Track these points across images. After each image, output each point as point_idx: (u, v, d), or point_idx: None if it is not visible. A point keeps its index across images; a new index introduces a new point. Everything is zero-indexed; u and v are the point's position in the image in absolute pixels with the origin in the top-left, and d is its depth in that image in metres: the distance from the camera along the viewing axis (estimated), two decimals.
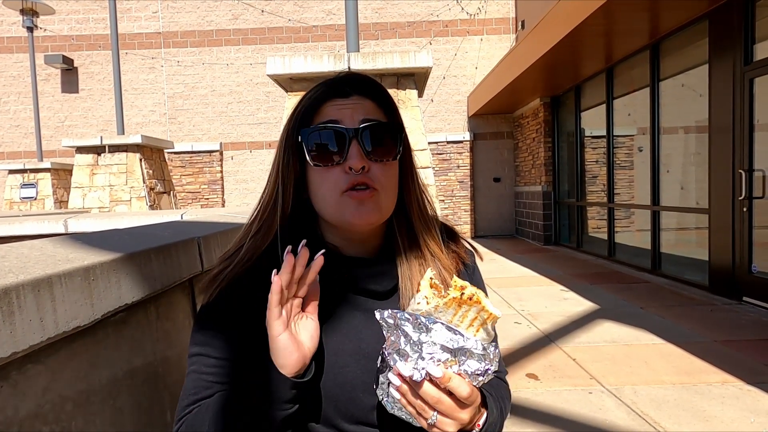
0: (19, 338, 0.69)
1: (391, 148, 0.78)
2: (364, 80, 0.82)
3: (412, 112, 4.15)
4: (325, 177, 0.77)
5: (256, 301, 0.74)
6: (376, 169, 0.76)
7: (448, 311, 0.63)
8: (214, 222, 2.00)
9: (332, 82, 0.80)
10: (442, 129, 12.50)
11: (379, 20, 12.42)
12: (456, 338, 0.62)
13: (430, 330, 0.62)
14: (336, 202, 0.76)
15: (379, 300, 0.81)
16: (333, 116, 0.77)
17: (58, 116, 12.85)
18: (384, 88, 0.84)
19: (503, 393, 0.87)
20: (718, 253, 5.46)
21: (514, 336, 4.30)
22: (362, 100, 0.79)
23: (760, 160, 4.97)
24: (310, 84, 0.76)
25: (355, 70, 4.04)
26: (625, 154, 7.86)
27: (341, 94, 0.79)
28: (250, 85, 12.62)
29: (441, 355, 0.62)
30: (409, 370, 0.62)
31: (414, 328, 0.62)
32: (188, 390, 0.76)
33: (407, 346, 0.63)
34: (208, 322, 0.77)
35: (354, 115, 0.77)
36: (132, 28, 12.55)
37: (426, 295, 0.64)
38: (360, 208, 0.75)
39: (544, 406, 2.97)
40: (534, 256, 8.95)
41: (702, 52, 5.68)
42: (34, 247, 1.00)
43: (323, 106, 0.79)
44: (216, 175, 12.65)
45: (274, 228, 0.78)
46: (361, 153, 0.75)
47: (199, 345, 0.77)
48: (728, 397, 2.99)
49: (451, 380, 0.62)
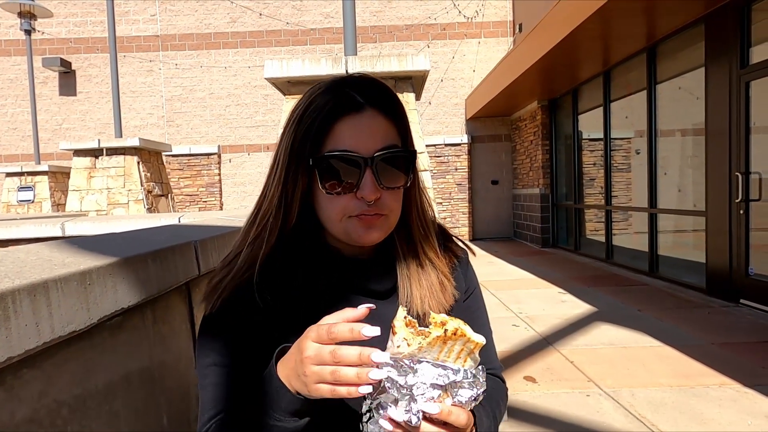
0: (15, 343, 0.69)
1: (403, 176, 0.77)
2: (377, 88, 0.78)
3: (410, 116, 4.15)
4: (333, 202, 0.75)
5: (260, 310, 0.74)
6: (387, 196, 0.75)
7: (433, 350, 0.61)
8: (211, 225, 2.00)
9: (341, 90, 0.75)
10: (440, 132, 12.52)
11: (377, 23, 12.45)
12: (445, 373, 0.61)
13: (417, 371, 0.60)
14: (344, 223, 0.76)
15: (379, 300, 0.81)
16: (347, 140, 0.73)
17: (55, 119, 12.84)
18: (395, 95, 0.80)
19: (496, 395, 0.86)
20: (715, 256, 5.47)
21: (512, 339, 4.30)
22: (376, 117, 0.75)
23: (756, 162, 4.99)
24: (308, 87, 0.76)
25: (352, 73, 4.04)
26: (623, 157, 7.89)
27: (354, 107, 0.74)
28: (248, 88, 12.63)
29: (433, 393, 0.61)
30: (402, 414, 0.60)
31: (398, 372, 0.60)
32: (207, 403, 0.75)
33: (394, 390, 0.61)
34: (217, 333, 0.76)
35: (369, 140, 0.74)
36: (130, 31, 12.55)
37: (405, 337, 0.61)
38: (368, 230, 0.75)
39: (541, 409, 2.97)
40: (532, 258, 8.95)
41: (698, 56, 5.70)
42: (31, 252, 1.00)
43: (336, 123, 0.74)
44: (214, 177, 12.65)
45: (274, 235, 0.77)
46: (375, 184, 0.73)
47: (209, 356, 0.76)
48: (726, 400, 3.00)
49: (450, 414, 0.61)
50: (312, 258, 0.78)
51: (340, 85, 0.76)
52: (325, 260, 0.79)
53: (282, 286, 0.76)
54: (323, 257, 0.79)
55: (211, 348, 0.76)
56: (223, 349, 0.75)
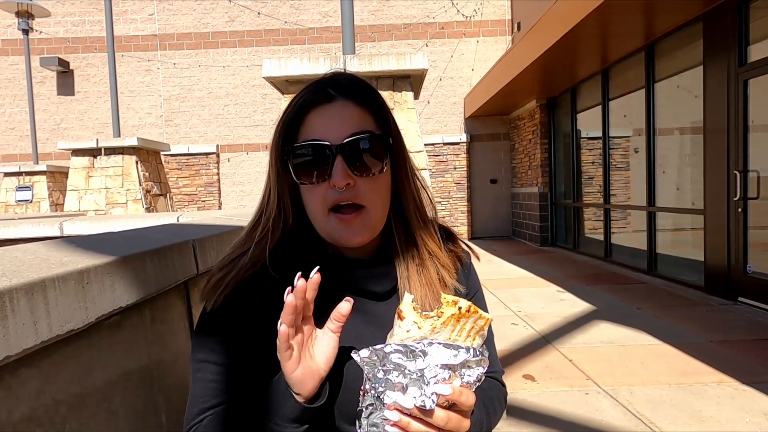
0: (13, 342, 0.69)
1: (377, 162, 0.75)
2: (350, 81, 0.78)
3: (408, 114, 4.16)
4: (312, 193, 0.75)
5: (262, 308, 0.74)
6: (362, 184, 0.74)
7: (446, 329, 0.62)
8: (210, 225, 2.00)
9: (317, 86, 0.77)
10: (438, 131, 12.52)
11: (376, 22, 12.44)
12: (455, 353, 0.61)
13: (427, 354, 0.61)
14: (324, 221, 0.76)
15: (379, 301, 0.81)
16: (317, 129, 0.74)
17: (53, 119, 12.82)
18: (371, 87, 0.80)
19: (493, 393, 0.86)
20: (713, 254, 5.48)
21: (511, 337, 4.31)
22: (347, 105, 0.75)
23: (754, 160, 5.00)
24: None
25: (351, 72, 4.05)
26: (621, 156, 7.89)
27: (324, 98, 0.75)
28: (247, 87, 12.61)
29: (444, 374, 0.61)
30: (411, 401, 0.60)
31: (407, 357, 0.60)
32: (197, 396, 0.75)
33: (400, 377, 0.60)
34: (213, 328, 0.76)
35: (339, 128, 0.73)
36: (128, 31, 12.53)
37: (415, 320, 0.62)
38: (348, 229, 0.75)
39: (540, 407, 2.98)
40: (530, 257, 8.96)
41: (696, 54, 5.71)
42: (28, 251, 1.00)
43: (308, 115, 0.75)
44: (213, 177, 12.64)
45: (277, 235, 0.78)
46: (346, 170, 0.72)
47: (205, 351, 0.76)
48: (724, 398, 3.00)
49: (461, 395, 0.62)
50: (313, 259, 0.78)
51: (318, 83, 0.78)
52: (325, 261, 0.78)
53: (283, 283, 0.76)
54: (324, 258, 0.79)
55: (209, 344, 0.76)
56: (221, 345, 0.75)
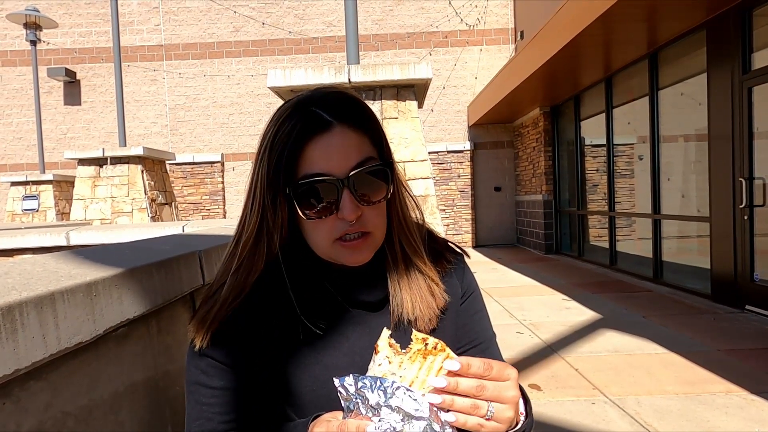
0: (22, 355, 0.70)
1: (383, 189, 0.75)
2: (341, 101, 0.75)
3: (412, 123, 4.17)
4: (318, 227, 0.74)
5: (250, 340, 0.75)
6: (368, 212, 0.74)
7: (413, 366, 0.62)
8: (215, 235, 2.01)
9: (306, 111, 0.72)
10: (442, 138, 12.54)
11: (379, 31, 12.51)
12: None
13: (391, 396, 0.59)
14: (329, 248, 0.75)
15: (372, 311, 0.80)
16: (319, 163, 0.71)
17: (60, 128, 12.93)
18: (363, 104, 0.78)
19: None
20: (719, 262, 5.45)
21: (516, 346, 4.29)
22: (346, 133, 0.73)
23: (759, 168, 4.98)
24: None
25: (355, 82, 4.07)
26: (626, 163, 7.88)
27: (322, 125, 0.72)
28: (251, 97, 12.69)
29: (396, 417, 0.58)
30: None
31: (371, 391, 0.59)
32: (192, 417, 0.76)
33: (364, 409, 0.59)
34: (206, 370, 0.76)
35: (342, 160, 0.71)
36: (134, 41, 12.65)
37: (387, 355, 0.63)
38: (354, 253, 0.75)
39: (546, 417, 2.95)
40: (535, 265, 8.93)
41: (700, 61, 5.71)
42: (37, 263, 1.01)
43: (306, 146, 0.71)
44: (217, 186, 12.69)
45: (261, 261, 0.76)
46: (354, 203, 0.71)
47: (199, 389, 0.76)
48: (732, 407, 2.97)
49: (471, 366, 0.61)
50: (303, 273, 0.78)
51: (306, 104, 0.73)
52: (316, 273, 0.79)
53: (273, 307, 0.76)
54: (315, 270, 0.79)
55: (200, 383, 0.76)
56: (212, 385, 0.76)
